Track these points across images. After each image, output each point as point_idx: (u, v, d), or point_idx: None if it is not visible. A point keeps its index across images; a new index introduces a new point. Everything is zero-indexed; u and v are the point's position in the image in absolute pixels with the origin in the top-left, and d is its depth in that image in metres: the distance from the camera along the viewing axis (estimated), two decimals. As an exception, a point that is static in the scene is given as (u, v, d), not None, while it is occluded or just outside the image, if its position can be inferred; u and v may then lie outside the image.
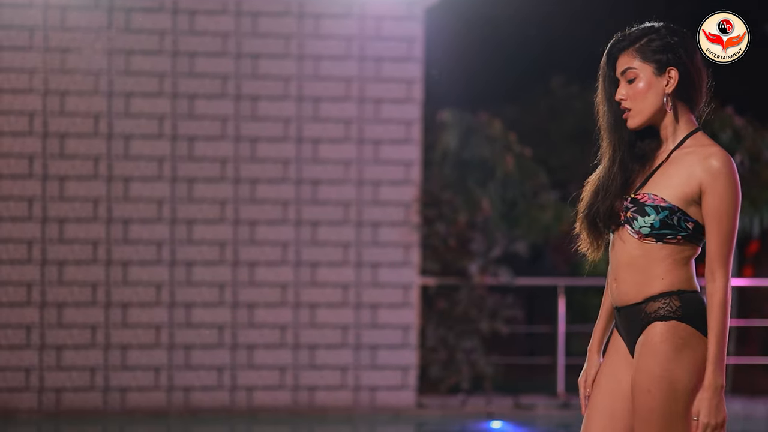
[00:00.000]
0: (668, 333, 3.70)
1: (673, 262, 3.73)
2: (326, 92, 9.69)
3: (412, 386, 9.80)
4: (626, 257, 3.74)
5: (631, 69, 3.76)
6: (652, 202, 3.69)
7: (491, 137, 10.82)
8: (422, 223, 9.82)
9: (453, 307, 10.11)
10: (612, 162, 3.80)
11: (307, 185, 9.66)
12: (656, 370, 3.67)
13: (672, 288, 3.72)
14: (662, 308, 3.71)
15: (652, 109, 3.75)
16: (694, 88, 3.75)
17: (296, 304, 9.63)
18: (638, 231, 3.70)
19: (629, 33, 3.82)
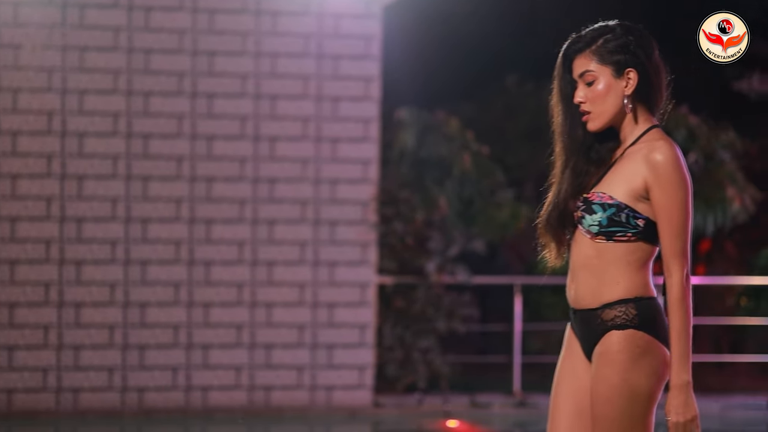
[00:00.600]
0: (625, 342, 3.65)
1: (627, 265, 3.68)
2: (283, 90, 9.63)
3: (368, 385, 9.76)
4: (581, 258, 3.70)
5: (589, 72, 3.72)
6: (600, 200, 3.66)
7: (448, 136, 10.80)
8: (380, 222, 9.78)
9: (410, 305, 10.08)
10: (565, 165, 3.77)
11: (264, 183, 9.59)
12: (615, 379, 3.64)
13: (628, 294, 3.67)
14: (619, 316, 3.66)
15: (612, 111, 3.71)
16: (653, 88, 3.71)
17: (252, 303, 9.57)
18: (588, 230, 3.66)
19: (584, 34, 3.77)
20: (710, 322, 11.36)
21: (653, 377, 3.65)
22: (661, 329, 3.66)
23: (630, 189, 3.66)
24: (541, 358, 10.69)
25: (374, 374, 9.83)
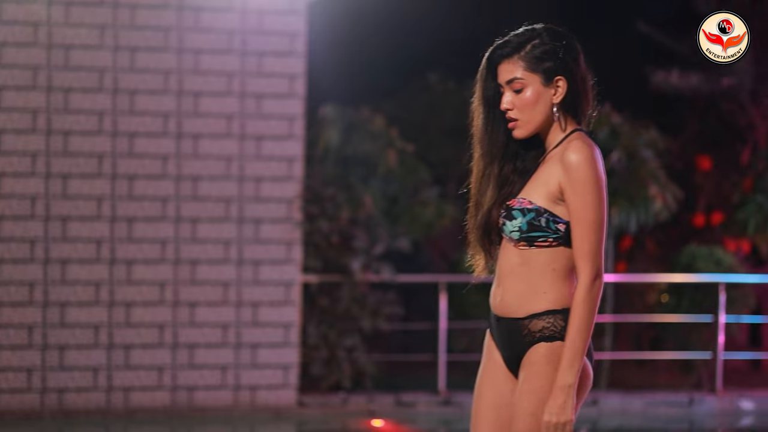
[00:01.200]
0: (553, 355, 3.62)
1: (553, 272, 3.65)
2: (207, 87, 9.51)
3: (293, 385, 9.68)
4: (508, 266, 3.67)
5: (518, 79, 3.67)
6: (519, 206, 3.64)
7: (373, 133, 10.75)
8: (304, 220, 9.71)
9: (335, 304, 10.02)
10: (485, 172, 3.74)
11: (187, 181, 9.47)
12: (541, 393, 3.61)
13: (556, 305, 3.65)
14: (547, 328, 3.63)
15: (540, 120, 3.68)
16: (581, 95, 3.69)
17: (175, 302, 9.45)
18: (510, 237, 3.65)
19: (511, 38, 3.72)
20: (632, 319, 11.43)
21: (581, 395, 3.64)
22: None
23: (548, 192, 3.64)
24: (466, 357, 10.68)
25: (299, 373, 9.75)
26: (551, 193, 3.63)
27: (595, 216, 3.58)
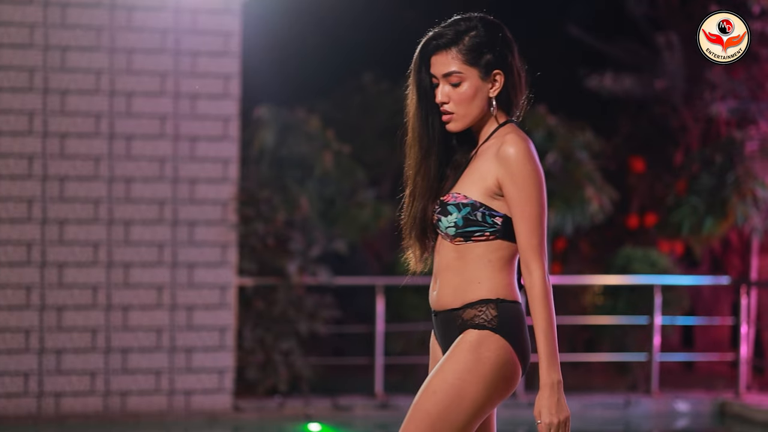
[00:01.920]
0: (476, 343, 3.55)
1: (488, 263, 3.59)
2: (140, 87, 9.36)
3: (228, 389, 9.56)
4: (444, 261, 3.62)
5: (455, 73, 3.60)
6: (454, 201, 3.57)
7: (309, 134, 10.64)
8: (240, 223, 9.58)
9: (271, 307, 9.90)
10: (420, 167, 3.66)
11: (120, 183, 9.31)
12: (450, 377, 3.53)
13: (490, 295, 3.58)
14: (478, 316, 3.56)
15: (477, 113, 3.61)
16: (516, 88, 3.64)
17: (108, 306, 9.29)
18: (446, 233, 3.59)
19: (446, 30, 3.63)
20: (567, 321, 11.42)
21: (490, 391, 3.55)
22: (520, 337, 3.57)
23: (484, 187, 3.57)
24: (403, 360, 10.62)
25: (234, 378, 9.63)
26: (488, 188, 3.57)
27: (540, 210, 3.53)
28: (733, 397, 10.53)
